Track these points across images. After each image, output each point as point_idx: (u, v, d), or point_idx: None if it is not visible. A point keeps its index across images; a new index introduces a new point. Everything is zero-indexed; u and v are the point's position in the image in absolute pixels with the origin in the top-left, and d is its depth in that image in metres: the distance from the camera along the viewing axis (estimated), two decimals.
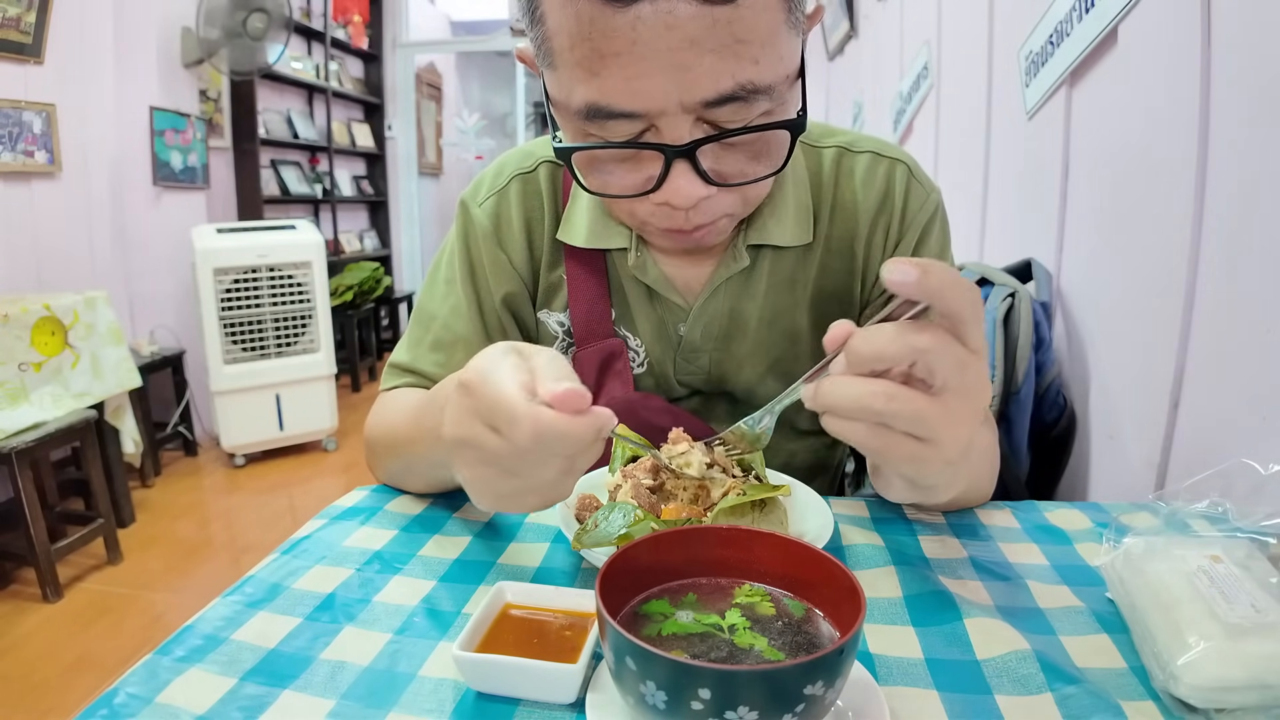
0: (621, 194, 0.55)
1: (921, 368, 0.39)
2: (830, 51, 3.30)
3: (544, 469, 0.41)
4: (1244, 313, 0.69)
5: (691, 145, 0.49)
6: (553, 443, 0.39)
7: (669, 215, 0.55)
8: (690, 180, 0.51)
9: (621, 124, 0.49)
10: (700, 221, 0.55)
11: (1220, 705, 0.38)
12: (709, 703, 0.31)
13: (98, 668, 1.80)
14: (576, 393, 0.39)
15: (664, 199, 0.52)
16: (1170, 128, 0.80)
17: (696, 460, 0.55)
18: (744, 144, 0.52)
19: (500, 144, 6.23)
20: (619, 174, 0.54)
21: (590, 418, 0.39)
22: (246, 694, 0.41)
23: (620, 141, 0.51)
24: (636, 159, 0.53)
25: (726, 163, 0.53)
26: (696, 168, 0.51)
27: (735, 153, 0.53)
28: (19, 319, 2.13)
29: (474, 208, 0.73)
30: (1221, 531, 0.48)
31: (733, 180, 0.53)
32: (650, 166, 0.52)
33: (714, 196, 0.54)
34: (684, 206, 0.53)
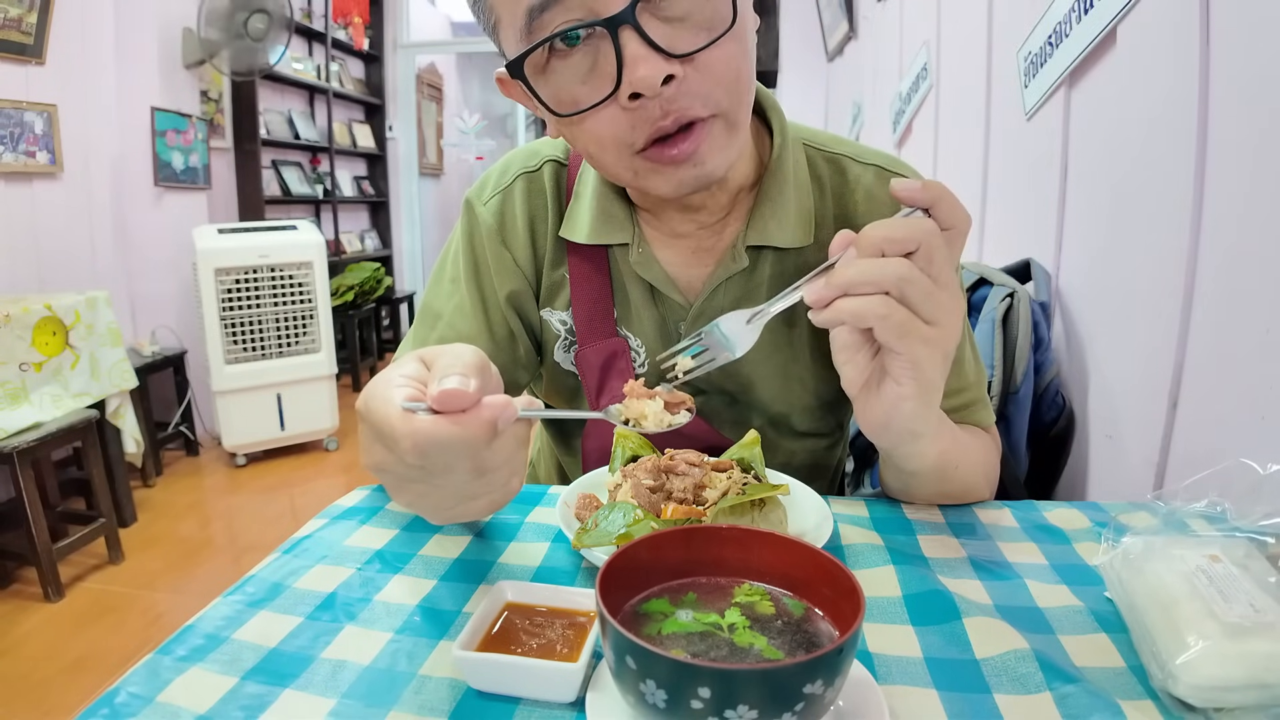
0: (591, 103, 0.54)
1: (922, 254, 0.46)
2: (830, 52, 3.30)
3: (451, 476, 0.39)
4: (1243, 313, 0.69)
5: (629, 7, 0.49)
6: (434, 453, 0.37)
7: (647, 115, 0.53)
8: (646, 56, 0.50)
9: (558, 13, 0.51)
10: (681, 113, 0.53)
11: (1219, 704, 0.38)
12: (709, 702, 0.31)
13: (99, 667, 1.81)
14: (453, 393, 0.37)
15: (630, 86, 0.51)
16: (1169, 128, 0.80)
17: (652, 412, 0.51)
18: (686, 15, 0.52)
19: (501, 144, 6.23)
20: (584, 94, 0.54)
21: (473, 415, 0.37)
22: (247, 693, 0.41)
23: (561, 30, 0.51)
24: (594, 71, 0.53)
25: (678, 37, 0.52)
26: (647, 40, 0.50)
27: (681, 27, 0.52)
28: (20, 319, 2.14)
29: (479, 206, 0.74)
30: (1220, 531, 0.48)
31: (690, 48, 0.52)
32: (606, 66, 0.52)
33: (684, 80, 0.52)
34: (649, 90, 0.51)
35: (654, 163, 0.56)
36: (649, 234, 0.69)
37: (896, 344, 0.48)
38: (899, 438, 0.54)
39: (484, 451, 0.38)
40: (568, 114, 0.55)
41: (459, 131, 6.13)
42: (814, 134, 0.72)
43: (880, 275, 0.46)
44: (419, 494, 0.42)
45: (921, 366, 0.49)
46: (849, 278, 0.47)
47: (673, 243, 0.69)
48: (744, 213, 0.68)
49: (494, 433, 0.38)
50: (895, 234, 0.46)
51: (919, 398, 0.50)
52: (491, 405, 0.38)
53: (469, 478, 0.40)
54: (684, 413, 0.50)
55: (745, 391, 0.72)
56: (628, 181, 0.60)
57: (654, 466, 0.58)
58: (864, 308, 0.46)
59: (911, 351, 0.48)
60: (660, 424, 0.50)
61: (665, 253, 0.69)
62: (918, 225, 0.47)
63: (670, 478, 0.58)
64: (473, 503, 0.42)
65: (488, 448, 0.38)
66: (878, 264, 0.46)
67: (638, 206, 0.69)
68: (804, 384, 0.72)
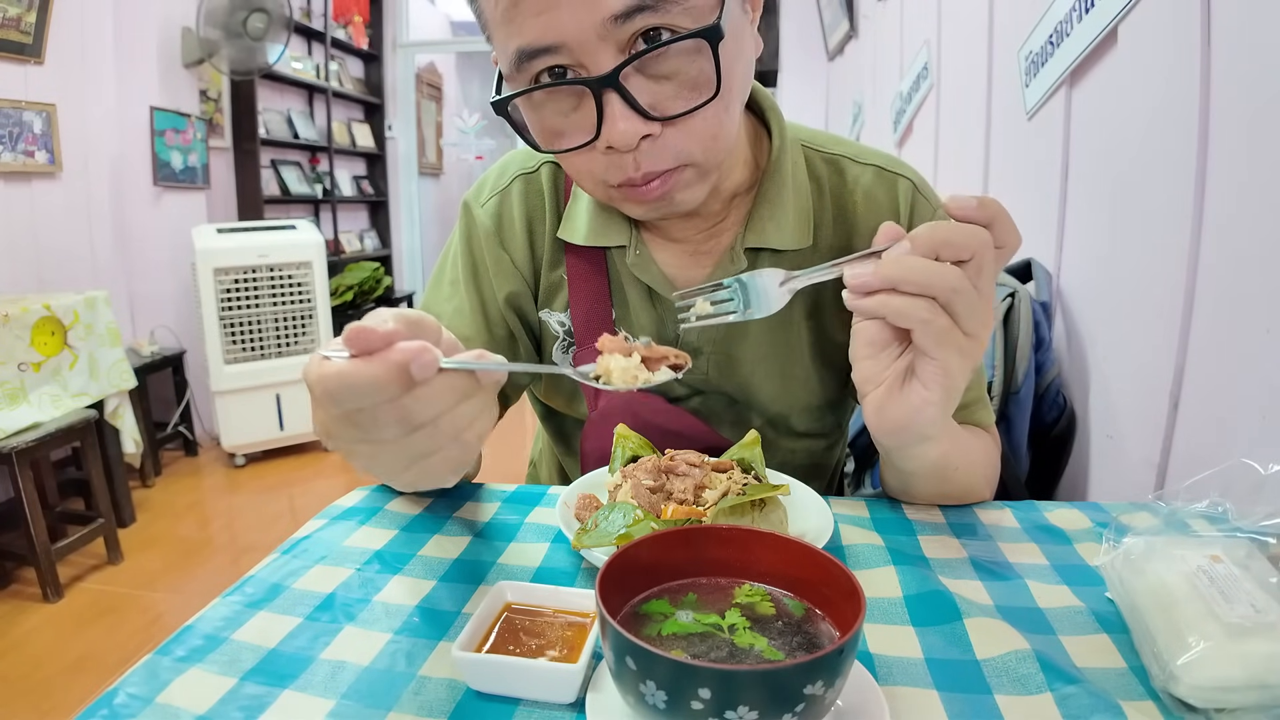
0: (570, 146, 0.55)
1: (974, 265, 0.46)
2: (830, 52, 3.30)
3: (381, 429, 0.37)
4: (1244, 313, 0.69)
5: (614, 72, 0.49)
6: (343, 396, 0.36)
7: (619, 164, 0.54)
8: (626, 115, 0.50)
9: (547, 60, 0.51)
10: (651, 169, 0.54)
11: (1220, 705, 0.38)
12: (709, 702, 0.31)
13: (98, 668, 1.80)
14: (359, 329, 0.36)
15: (606, 141, 0.52)
16: (1170, 128, 0.80)
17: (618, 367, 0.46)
18: (673, 74, 0.52)
19: (500, 144, 6.22)
20: (568, 131, 0.55)
21: (381, 356, 0.35)
22: (246, 694, 0.41)
23: (547, 83, 0.52)
24: (578, 111, 0.54)
25: (661, 96, 0.52)
26: (628, 101, 0.50)
27: (667, 85, 0.52)
28: (19, 319, 2.13)
29: (476, 208, 0.74)
30: (1221, 531, 0.48)
31: (670, 112, 0.52)
32: (589, 113, 0.52)
33: (660, 138, 0.53)
34: (625, 146, 0.52)
35: (627, 195, 0.58)
36: (646, 236, 0.69)
37: (933, 350, 0.48)
38: (910, 440, 0.54)
39: (405, 400, 0.36)
40: (548, 149, 0.57)
41: (458, 131, 6.13)
42: (812, 135, 0.72)
43: (933, 280, 0.45)
44: (368, 455, 0.40)
45: (952, 374, 0.49)
46: (900, 275, 0.46)
47: (670, 245, 0.69)
48: (742, 215, 0.68)
49: (405, 377, 0.35)
50: (954, 239, 0.46)
51: (943, 404, 0.50)
52: (404, 349, 0.35)
53: (399, 431, 0.37)
54: (664, 370, 0.45)
55: (744, 392, 0.72)
56: (605, 201, 0.62)
57: (654, 467, 0.58)
58: (910, 309, 0.46)
59: (946, 359, 0.48)
60: (629, 381, 0.44)
61: (663, 254, 0.69)
62: (976, 235, 0.46)
63: (670, 478, 0.58)
64: (425, 462, 0.39)
65: (410, 396, 0.36)
66: (933, 269, 0.46)
67: None
68: (803, 384, 0.72)
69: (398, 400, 0.36)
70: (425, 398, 0.37)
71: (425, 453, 0.39)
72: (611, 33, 0.49)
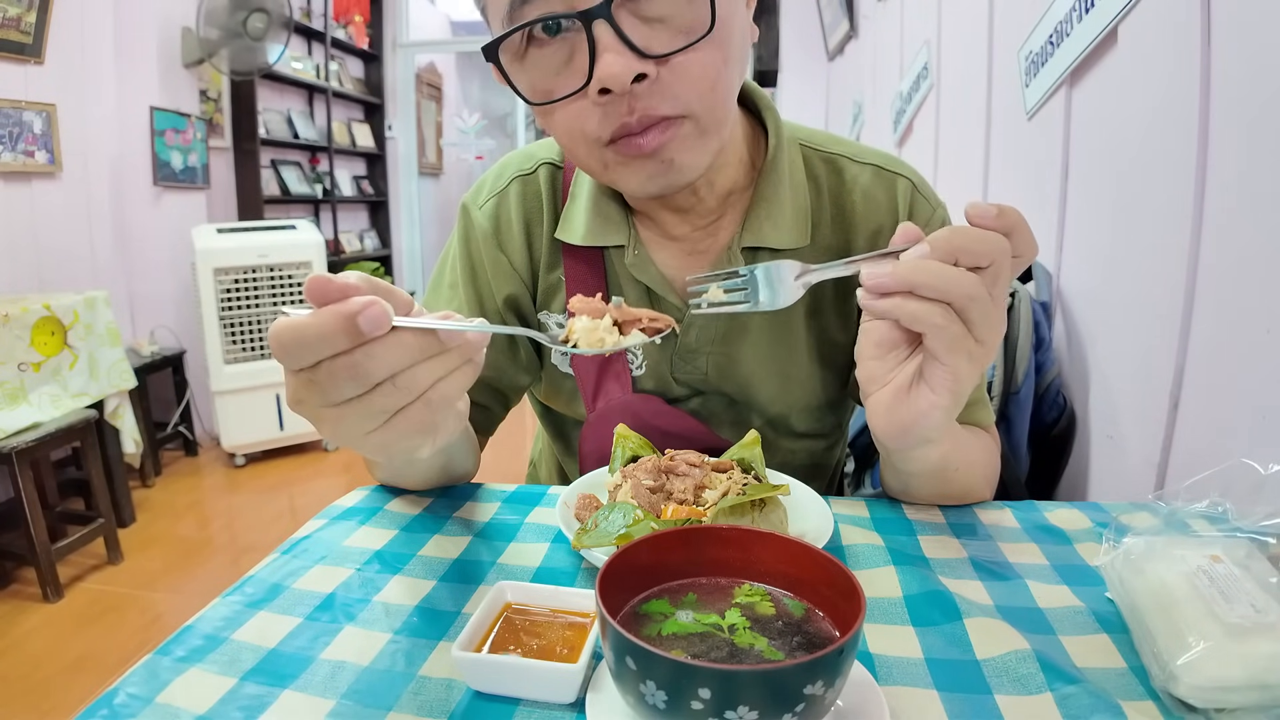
0: (562, 94, 0.54)
1: (991, 273, 0.46)
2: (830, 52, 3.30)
3: (339, 386, 0.37)
4: (1244, 313, 0.69)
5: (604, 4, 0.49)
6: (295, 348, 0.36)
7: (614, 110, 0.53)
8: (619, 51, 0.50)
9: (540, 3, 0.51)
10: (647, 111, 0.53)
11: (1220, 705, 0.38)
12: (709, 702, 0.31)
13: (98, 667, 1.80)
14: (317, 279, 0.36)
15: (599, 82, 0.51)
16: (1170, 128, 0.80)
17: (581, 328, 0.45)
18: (667, 15, 0.51)
19: (500, 144, 6.22)
20: (558, 84, 0.54)
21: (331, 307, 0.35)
22: (246, 694, 0.41)
23: (538, 18, 0.51)
24: (570, 62, 0.53)
25: (655, 37, 0.52)
26: (621, 36, 0.50)
27: (661, 27, 0.52)
28: (19, 319, 2.13)
29: (474, 210, 0.74)
30: (1221, 531, 0.48)
31: (664, 50, 0.51)
32: (581, 60, 0.52)
33: (655, 83, 0.52)
34: (618, 86, 0.51)
35: (622, 155, 0.56)
36: (644, 235, 0.69)
37: (945, 356, 0.47)
38: (913, 442, 0.54)
39: (356, 355, 0.36)
40: (540, 103, 0.56)
41: (458, 131, 6.13)
42: (810, 134, 0.72)
43: (950, 286, 0.45)
44: (333, 419, 0.39)
45: (961, 380, 0.48)
46: (918, 279, 0.45)
47: (668, 244, 0.69)
48: (739, 214, 0.68)
49: (353, 329, 0.35)
50: (973, 246, 0.45)
51: (950, 409, 0.50)
52: (354, 301, 0.35)
53: (355, 388, 0.37)
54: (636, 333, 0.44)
55: (743, 392, 0.72)
56: (599, 175, 0.60)
57: (654, 467, 0.58)
58: (924, 314, 0.46)
59: (956, 365, 0.48)
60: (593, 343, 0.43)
61: (661, 254, 0.69)
62: (995, 243, 0.46)
63: (670, 478, 0.58)
64: (390, 424, 0.39)
65: (361, 351, 0.36)
66: (950, 274, 0.45)
67: (633, 209, 0.69)
68: (803, 385, 0.72)
69: (350, 354, 0.36)
70: (377, 353, 0.36)
71: (385, 410, 0.38)
72: None
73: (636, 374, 0.72)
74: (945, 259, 0.45)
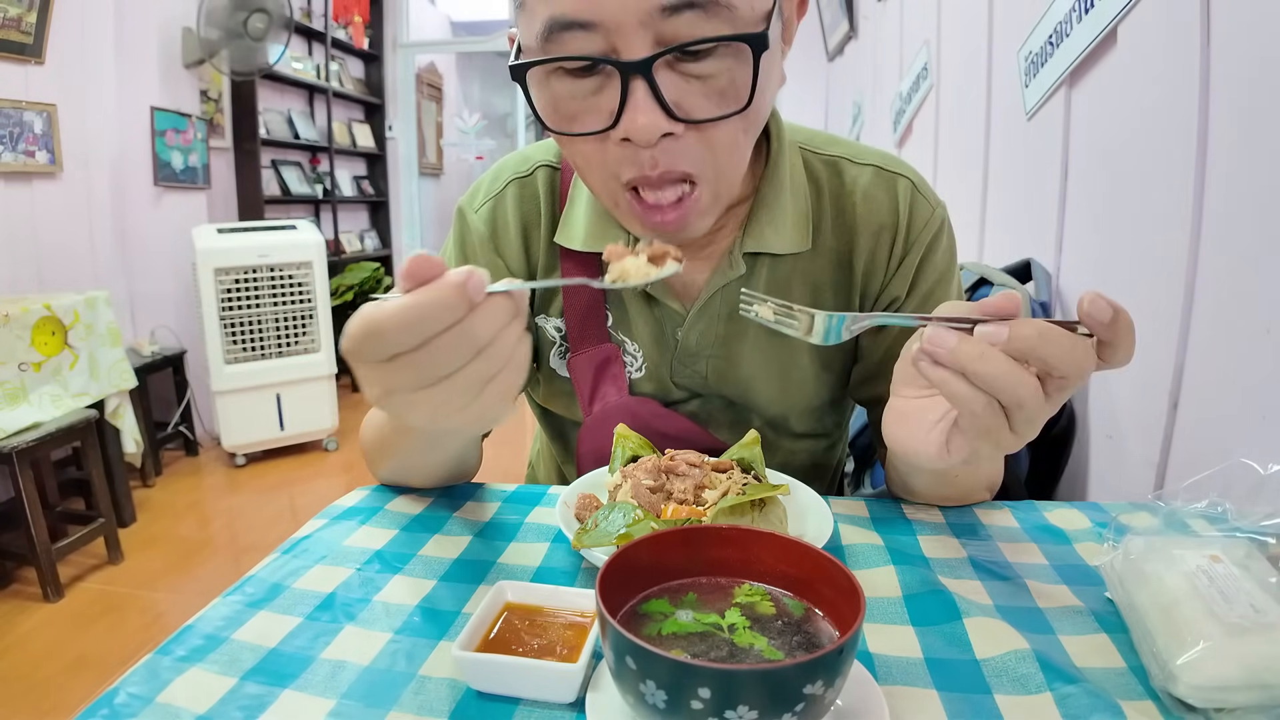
0: (583, 131, 0.53)
1: (1058, 383, 0.42)
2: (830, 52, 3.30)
3: (449, 356, 0.38)
4: (1243, 313, 0.69)
5: (648, 60, 0.47)
6: (420, 324, 0.37)
7: (633, 158, 0.52)
8: (650, 110, 0.49)
9: (579, 38, 0.48)
10: (668, 167, 0.53)
11: (1219, 705, 0.38)
12: (709, 702, 0.31)
13: (98, 667, 1.80)
14: (420, 259, 0.38)
15: (624, 132, 0.50)
16: (1170, 128, 0.80)
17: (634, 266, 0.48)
18: (706, 75, 0.50)
19: (500, 144, 6.23)
20: (582, 116, 0.53)
21: (442, 280, 0.37)
22: (247, 694, 0.41)
23: (575, 56, 0.50)
24: (598, 95, 0.52)
25: (689, 97, 0.50)
26: (656, 95, 0.49)
27: (698, 86, 0.51)
28: (20, 319, 2.14)
29: (470, 214, 0.73)
30: (1221, 531, 0.48)
31: (695, 115, 0.51)
32: (610, 100, 0.50)
33: (679, 140, 0.51)
34: (644, 140, 0.50)
35: (637, 208, 0.56)
36: None
37: (972, 436, 0.46)
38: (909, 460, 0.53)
39: (467, 322, 0.37)
40: (558, 130, 0.55)
41: (459, 131, 6.13)
42: (810, 136, 0.71)
43: (1005, 390, 0.41)
44: (429, 400, 0.39)
45: (980, 456, 0.47)
46: (975, 369, 0.41)
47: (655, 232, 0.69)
48: (740, 219, 0.68)
49: (466, 297, 0.37)
50: (1052, 360, 0.41)
51: (958, 462, 0.49)
52: (457, 272, 0.37)
53: (464, 356, 0.38)
54: (671, 263, 0.47)
55: (743, 394, 0.72)
56: (608, 206, 0.60)
57: (654, 467, 0.58)
58: (968, 400, 0.42)
59: (981, 447, 0.46)
60: (643, 276, 0.47)
61: None
62: (1080, 364, 0.41)
63: (670, 478, 0.58)
64: (486, 391, 0.40)
65: (470, 318, 0.38)
66: (1011, 378, 0.41)
67: None
68: (803, 387, 0.72)
69: (463, 322, 0.37)
70: (484, 316, 0.38)
71: (482, 379, 0.39)
72: (653, 22, 0.47)
73: (636, 376, 0.72)
74: (1017, 356, 0.41)
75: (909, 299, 0.69)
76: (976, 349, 0.41)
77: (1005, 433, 0.43)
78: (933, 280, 0.69)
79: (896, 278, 0.68)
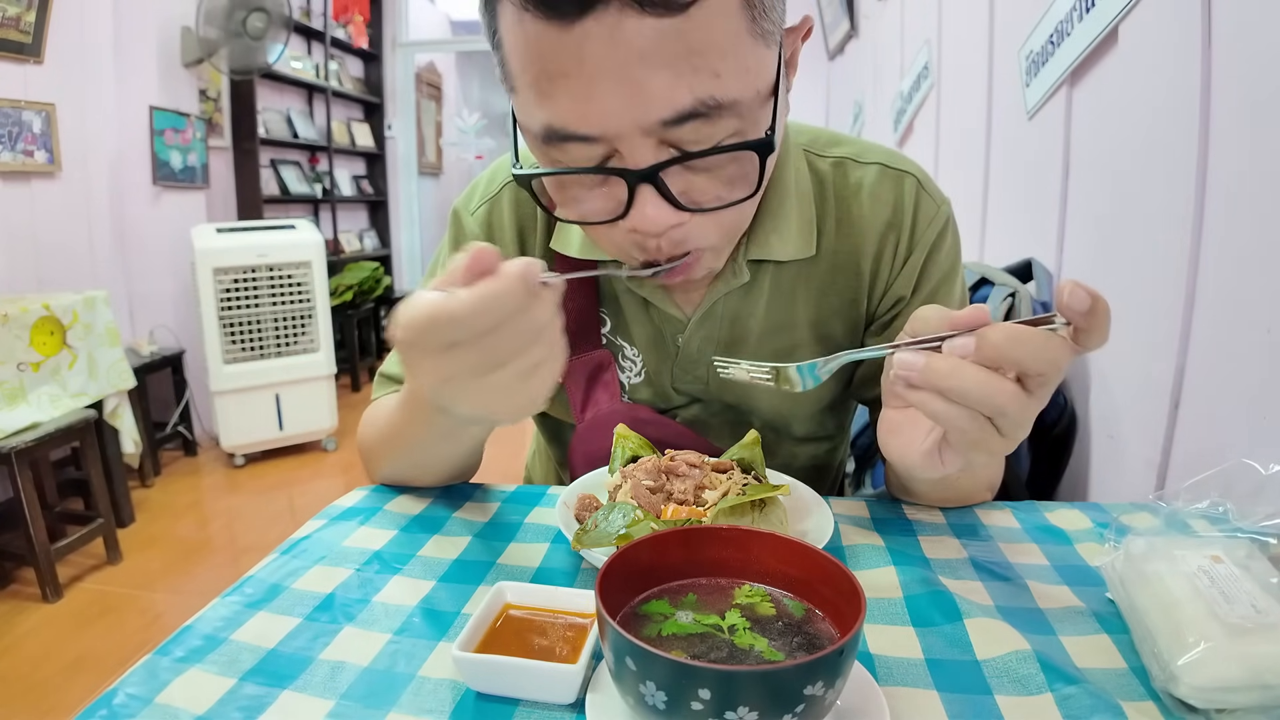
0: (591, 220, 0.53)
1: (1038, 380, 0.41)
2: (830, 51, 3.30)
3: (509, 344, 0.39)
4: (1244, 313, 0.69)
5: (653, 169, 0.47)
6: (494, 309, 0.38)
7: (641, 244, 0.53)
8: (658, 205, 0.49)
9: (580, 147, 0.48)
10: (674, 251, 0.53)
11: (1220, 705, 0.38)
12: (709, 703, 0.31)
13: (97, 668, 1.80)
14: (483, 251, 0.39)
15: (632, 226, 0.50)
16: (1171, 127, 0.80)
17: None
18: (713, 166, 0.50)
19: (500, 144, 6.22)
20: (589, 200, 0.52)
21: (506, 270, 0.39)
22: (246, 694, 0.41)
23: (579, 168, 0.49)
24: (605, 185, 0.51)
25: (697, 187, 0.50)
26: (663, 192, 0.48)
27: (706, 176, 0.50)
28: (18, 319, 2.13)
29: (466, 216, 0.73)
30: (1222, 532, 0.48)
31: (704, 205, 0.51)
32: (618, 192, 0.50)
33: (688, 224, 0.51)
34: (653, 233, 0.50)
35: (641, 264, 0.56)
36: None
37: (961, 449, 0.46)
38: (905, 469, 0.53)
39: (530, 309, 0.39)
40: (565, 217, 0.54)
41: (458, 130, 6.14)
42: (813, 138, 0.70)
43: (983, 400, 0.41)
44: (488, 386, 0.41)
45: (974, 466, 0.47)
46: (946, 385, 0.41)
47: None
48: None
49: (529, 288, 0.39)
50: (1026, 360, 0.40)
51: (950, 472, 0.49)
52: (516, 263, 0.39)
53: (525, 341, 0.40)
54: None
55: (745, 400, 0.72)
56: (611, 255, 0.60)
57: (654, 467, 0.58)
58: (950, 418, 0.42)
59: (973, 458, 0.46)
60: None
61: None
62: (1054, 358, 0.41)
63: (670, 479, 0.58)
64: (538, 373, 0.41)
65: (535, 307, 0.40)
66: (985, 388, 0.41)
67: None
68: (804, 392, 0.72)
69: (525, 311, 0.39)
70: (543, 303, 0.40)
71: (541, 361, 0.41)
72: (656, 131, 0.46)
73: (635, 380, 0.72)
74: (990, 364, 0.41)
75: (914, 297, 0.68)
76: (946, 365, 0.41)
77: (995, 439, 0.43)
78: (938, 278, 0.68)
79: (902, 276, 0.68)
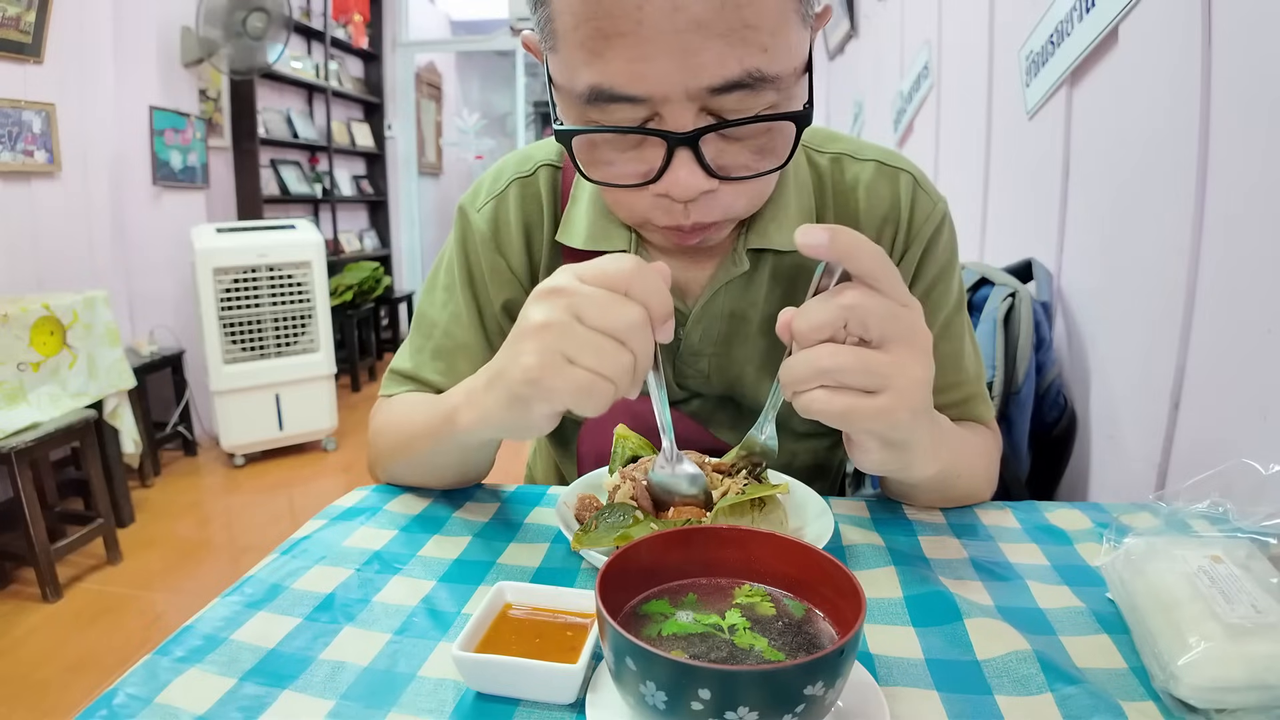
0: (621, 183, 0.53)
1: (856, 325, 0.44)
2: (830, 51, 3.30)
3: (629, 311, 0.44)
4: (1244, 313, 0.69)
5: (695, 133, 0.48)
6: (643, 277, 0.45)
7: (668, 209, 0.54)
8: (692, 171, 0.50)
9: (624, 108, 0.48)
10: (700, 219, 0.54)
11: (1220, 705, 0.38)
12: (709, 703, 0.31)
13: (97, 668, 1.80)
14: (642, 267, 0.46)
15: (664, 190, 0.51)
16: (1171, 127, 0.80)
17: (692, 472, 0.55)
18: (748, 136, 0.51)
19: (500, 144, 6.23)
20: (620, 163, 0.53)
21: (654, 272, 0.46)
22: (246, 694, 0.41)
23: (622, 127, 0.50)
24: (638, 148, 0.52)
25: (729, 155, 0.52)
26: (699, 158, 0.49)
27: (738, 146, 0.52)
28: (18, 319, 2.13)
29: (472, 213, 0.73)
30: (1222, 532, 0.48)
31: (735, 174, 0.52)
32: (652, 156, 0.51)
33: (716, 192, 0.52)
34: (684, 199, 0.51)
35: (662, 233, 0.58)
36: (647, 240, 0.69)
37: (846, 428, 0.47)
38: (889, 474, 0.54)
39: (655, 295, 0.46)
40: (594, 177, 0.55)
41: (458, 130, 6.14)
42: (811, 134, 0.71)
43: (810, 369, 0.44)
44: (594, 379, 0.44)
45: (880, 436, 0.48)
46: (789, 378, 0.46)
47: (671, 247, 0.69)
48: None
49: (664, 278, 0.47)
50: (818, 318, 0.44)
51: (891, 454, 0.49)
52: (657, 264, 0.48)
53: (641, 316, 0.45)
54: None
55: (745, 393, 0.72)
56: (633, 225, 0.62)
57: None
58: (809, 403, 0.45)
59: (864, 429, 0.47)
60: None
61: (664, 257, 0.69)
62: (841, 299, 0.44)
63: None
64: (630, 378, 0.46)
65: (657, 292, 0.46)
66: (807, 357, 0.44)
67: None
68: None
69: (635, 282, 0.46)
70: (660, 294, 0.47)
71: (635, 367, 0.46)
72: (700, 97, 0.47)
73: None
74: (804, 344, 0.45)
75: (911, 291, 0.68)
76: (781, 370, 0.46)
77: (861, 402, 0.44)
78: (933, 274, 0.69)
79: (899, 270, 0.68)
